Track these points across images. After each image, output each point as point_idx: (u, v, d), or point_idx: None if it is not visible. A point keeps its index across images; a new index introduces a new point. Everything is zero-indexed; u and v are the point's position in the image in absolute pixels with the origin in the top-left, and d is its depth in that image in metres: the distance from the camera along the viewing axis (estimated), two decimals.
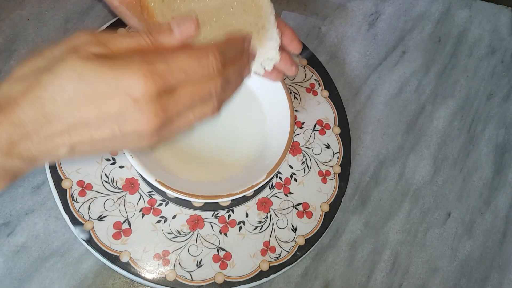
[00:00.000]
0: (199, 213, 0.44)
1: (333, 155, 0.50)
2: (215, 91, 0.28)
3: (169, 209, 0.43)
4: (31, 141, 0.24)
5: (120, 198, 0.42)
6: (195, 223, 0.43)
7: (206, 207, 0.44)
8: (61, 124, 0.24)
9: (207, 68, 0.27)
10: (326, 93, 0.52)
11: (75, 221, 0.40)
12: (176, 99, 0.26)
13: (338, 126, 0.51)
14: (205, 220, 0.44)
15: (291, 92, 0.51)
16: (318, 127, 0.51)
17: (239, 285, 0.42)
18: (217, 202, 0.44)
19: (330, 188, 0.48)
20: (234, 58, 0.29)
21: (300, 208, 0.47)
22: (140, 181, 0.43)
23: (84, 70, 0.24)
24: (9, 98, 0.24)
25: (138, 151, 0.38)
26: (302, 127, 0.50)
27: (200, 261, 0.42)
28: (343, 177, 0.49)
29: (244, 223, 0.45)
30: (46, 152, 0.25)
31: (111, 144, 0.26)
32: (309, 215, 0.47)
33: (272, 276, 0.43)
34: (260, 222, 0.45)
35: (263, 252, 0.44)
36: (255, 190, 0.46)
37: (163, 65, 0.25)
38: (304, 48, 0.54)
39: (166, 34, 0.27)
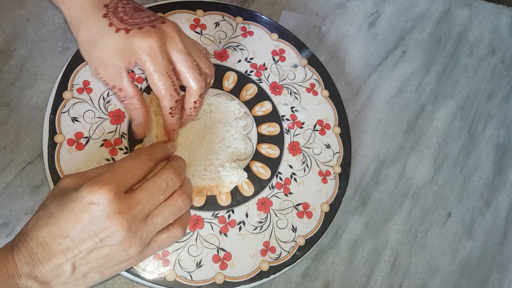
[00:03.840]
0: (199, 213, 0.44)
1: (333, 155, 0.50)
2: (168, 181, 0.35)
3: None
4: (40, 264, 0.30)
5: None
6: (195, 223, 0.43)
7: (206, 207, 0.44)
8: (55, 244, 0.31)
9: (144, 163, 0.35)
10: (326, 93, 0.52)
11: None
12: (134, 195, 0.32)
13: (338, 126, 0.51)
14: (205, 220, 0.44)
15: (291, 92, 0.51)
16: (318, 127, 0.51)
17: (239, 286, 0.42)
18: (217, 202, 0.44)
19: (330, 188, 0.48)
20: (161, 155, 0.37)
21: (300, 208, 0.47)
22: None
23: (64, 197, 0.32)
24: (23, 232, 0.32)
25: None
26: (302, 127, 0.50)
27: (200, 261, 0.42)
28: (343, 177, 0.49)
29: (244, 223, 0.44)
30: (55, 274, 0.31)
31: (100, 255, 0.32)
32: (309, 215, 0.46)
33: (272, 276, 0.43)
34: (260, 222, 0.45)
35: (263, 252, 0.44)
36: (255, 190, 0.46)
37: (110, 172, 0.32)
38: (304, 48, 0.54)
39: None
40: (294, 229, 0.46)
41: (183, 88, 0.40)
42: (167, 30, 0.38)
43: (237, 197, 0.45)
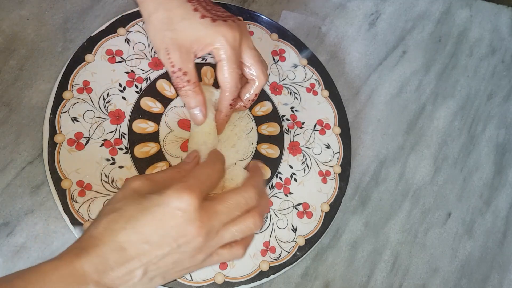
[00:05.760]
0: None
1: (333, 155, 0.50)
2: (247, 200, 0.34)
3: None
4: (111, 269, 0.29)
5: None
6: None
7: None
8: (133, 249, 0.30)
9: (220, 173, 0.35)
10: (326, 93, 0.52)
11: (75, 221, 0.40)
12: (214, 204, 0.32)
13: (338, 126, 0.51)
14: None
15: (291, 92, 0.51)
16: (318, 127, 0.51)
17: (239, 286, 0.42)
18: None
19: (330, 188, 0.48)
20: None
21: (300, 208, 0.47)
22: None
23: (143, 201, 0.31)
24: (93, 236, 0.30)
25: None
26: (302, 127, 0.50)
27: None
28: (343, 177, 0.49)
29: None
30: (125, 279, 0.30)
31: (171, 261, 0.31)
32: (309, 215, 0.46)
33: (272, 276, 0.43)
34: None
35: (263, 253, 0.44)
36: None
37: (193, 179, 0.32)
38: (304, 48, 0.54)
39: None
40: (294, 229, 0.46)
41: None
42: (243, 28, 0.42)
43: None
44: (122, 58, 0.46)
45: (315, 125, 0.51)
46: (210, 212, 0.32)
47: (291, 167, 0.48)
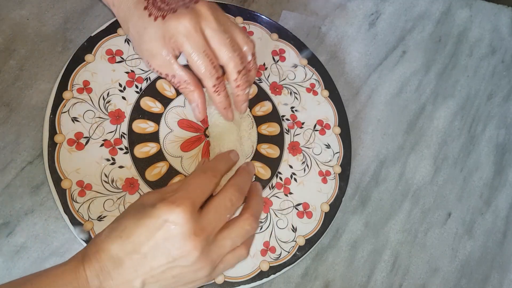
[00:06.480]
0: None
1: (333, 155, 0.50)
2: (232, 199, 0.34)
3: None
4: (111, 277, 0.30)
5: (119, 198, 0.42)
6: None
7: None
8: (127, 258, 0.30)
9: (211, 179, 0.34)
10: (326, 93, 0.52)
11: (75, 221, 0.40)
12: (204, 214, 0.32)
13: (338, 126, 0.51)
14: None
15: (291, 92, 0.51)
16: (318, 127, 0.51)
17: (239, 285, 0.42)
18: None
19: (330, 188, 0.48)
20: (225, 168, 0.37)
21: (300, 208, 0.47)
22: (140, 181, 0.43)
23: (140, 211, 0.32)
24: (95, 242, 0.31)
25: None
26: (302, 127, 0.50)
27: None
28: (343, 177, 0.49)
29: None
30: None
31: (171, 274, 0.31)
32: (309, 215, 0.46)
33: (272, 276, 0.43)
34: (260, 222, 0.45)
35: (263, 253, 0.44)
36: None
37: (183, 191, 0.32)
38: (304, 48, 0.54)
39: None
40: (294, 229, 0.46)
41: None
42: (200, 9, 0.39)
43: None
44: (122, 58, 0.46)
45: (315, 125, 0.51)
46: (202, 223, 0.31)
47: (291, 167, 0.48)
